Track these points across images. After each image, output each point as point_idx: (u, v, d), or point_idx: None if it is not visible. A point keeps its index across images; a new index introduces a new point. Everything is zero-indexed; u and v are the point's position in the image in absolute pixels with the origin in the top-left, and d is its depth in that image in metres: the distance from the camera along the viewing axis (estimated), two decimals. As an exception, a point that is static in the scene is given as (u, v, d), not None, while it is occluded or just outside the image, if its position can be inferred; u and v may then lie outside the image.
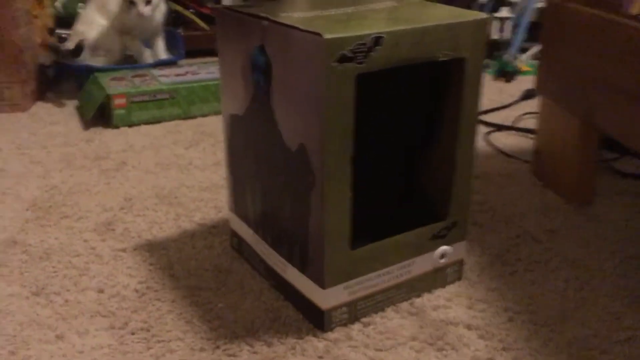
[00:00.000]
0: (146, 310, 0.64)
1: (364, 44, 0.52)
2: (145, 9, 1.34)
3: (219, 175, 0.97)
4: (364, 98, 0.59)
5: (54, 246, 0.77)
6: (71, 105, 1.30)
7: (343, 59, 0.52)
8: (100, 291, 0.68)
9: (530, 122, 1.19)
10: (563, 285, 0.68)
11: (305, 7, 0.64)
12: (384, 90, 0.69)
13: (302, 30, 0.53)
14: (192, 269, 0.72)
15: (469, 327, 0.62)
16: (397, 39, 0.54)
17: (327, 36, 0.51)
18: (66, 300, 0.66)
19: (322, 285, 0.59)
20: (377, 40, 0.53)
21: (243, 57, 0.62)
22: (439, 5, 0.64)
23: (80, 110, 1.25)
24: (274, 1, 0.67)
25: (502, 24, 1.59)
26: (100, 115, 1.18)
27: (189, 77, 1.26)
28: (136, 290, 0.68)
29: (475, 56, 0.60)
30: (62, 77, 1.47)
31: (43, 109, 1.28)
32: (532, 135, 1.11)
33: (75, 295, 0.67)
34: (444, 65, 0.60)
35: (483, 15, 0.59)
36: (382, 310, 0.64)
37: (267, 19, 0.57)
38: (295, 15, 0.58)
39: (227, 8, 0.64)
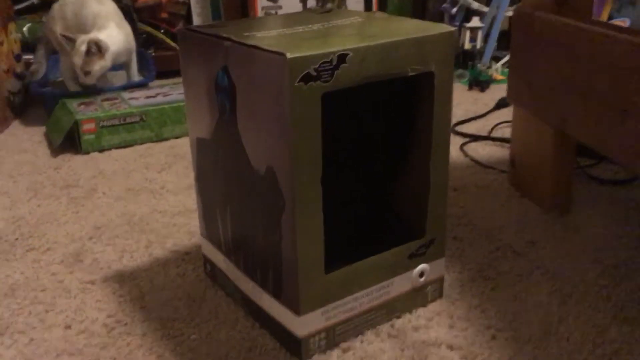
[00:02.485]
0: (115, 346, 0.62)
1: (329, 62, 0.51)
2: (86, 79, 1.27)
3: (192, 199, 0.94)
4: (332, 116, 0.57)
5: (19, 281, 0.73)
6: (40, 132, 1.27)
7: (307, 78, 0.50)
8: (68, 327, 0.65)
9: (506, 131, 1.18)
10: (545, 299, 0.67)
11: (270, 26, 0.62)
12: (352, 107, 0.68)
13: (264, 50, 0.51)
14: (164, 299, 0.69)
15: (451, 347, 0.60)
16: (363, 56, 0.53)
17: (290, 55, 0.49)
18: (31, 339, 0.63)
19: (298, 311, 0.57)
20: (343, 57, 0.51)
21: (207, 79, 0.60)
22: (405, 19, 0.63)
23: (49, 137, 1.22)
24: (238, 22, 0.65)
25: (474, 33, 1.59)
26: (69, 142, 1.15)
27: (159, 99, 1.24)
28: (105, 325, 0.65)
29: (444, 69, 0.58)
30: (30, 103, 1.44)
31: (11, 137, 1.25)
32: (508, 145, 1.11)
33: (41, 333, 0.64)
34: (413, 79, 0.59)
35: (449, 27, 0.58)
36: (362, 333, 0.62)
37: (229, 39, 0.56)
38: (258, 35, 0.57)
39: (190, 29, 0.63)
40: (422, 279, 0.65)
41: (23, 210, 0.92)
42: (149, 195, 0.96)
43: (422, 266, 0.64)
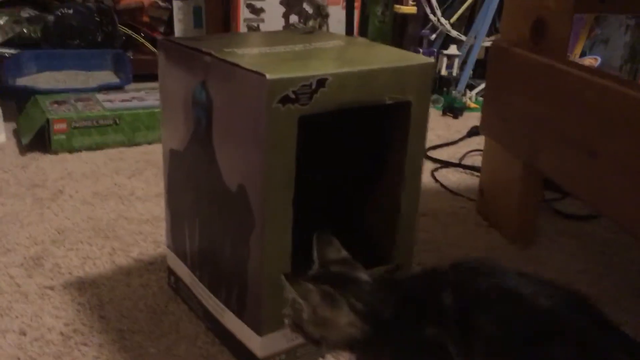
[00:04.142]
0: (71, 356, 0.60)
1: (308, 86, 0.51)
2: None
3: (161, 207, 0.93)
4: (306, 139, 0.57)
5: (-25, 283, 0.72)
6: (9, 128, 1.24)
7: (286, 100, 0.50)
8: (23, 334, 0.63)
9: (477, 159, 1.20)
10: (505, 331, 0.68)
11: (251, 43, 0.62)
12: (327, 131, 0.68)
13: (245, 69, 0.51)
14: (124, 310, 0.68)
15: (410, 375, 0.60)
16: (342, 81, 0.53)
17: (270, 76, 0.49)
18: (-17, 344, 0.61)
19: (260, 332, 0.56)
20: (322, 82, 0.52)
21: (185, 91, 0.60)
22: (385, 47, 0.64)
23: (18, 134, 1.20)
24: (220, 36, 0.65)
25: (450, 61, 1.62)
26: (39, 140, 1.13)
27: (134, 103, 1.22)
28: (62, 333, 0.64)
29: (421, 99, 0.59)
30: (2, 98, 1.41)
31: (-23, 131, 1.22)
32: (478, 173, 1.12)
33: (-6, 339, 0.62)
34: (390, 107, 0.59)
35: (429, 59, 0.59)
36: (323, 357, 0.62)
37: (210, 54, 0.56)
38: (240, 52, 0.57)
39: (171, 40, 0.62)
40: (386, 305, 0.65)
41: (-15, 208, 0.90)
42: (117, 201, 0.95)
43: (386, 292, 0.64)
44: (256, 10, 1.59)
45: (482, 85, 1.61)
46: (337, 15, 1.64)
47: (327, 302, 0.47)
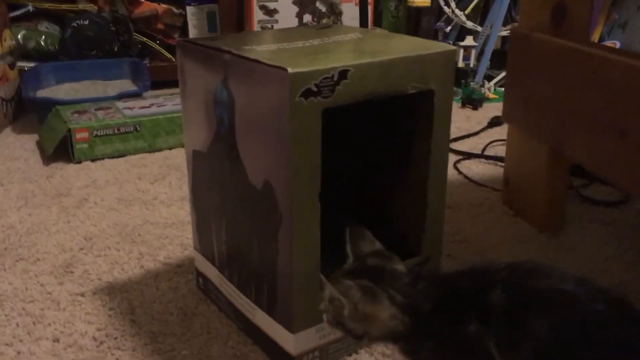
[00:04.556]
0: (105, 360, 0.61)
1: (330, 78, 0.51)
2: None
3: (185, 211, 0.94)
4: (331, 132, 0.57)
5: (7, 292, 0.72)
6: (32, 139, 1.26)
7: (308, 94, 0.50)
8: (56, 340, 0.64)
9: (499, 150, 1.18)
10: (539, 319, 0.67)
11: (270, 40, 0.62)
12: (352, 124, 0.67)
13: (266, 64, 0.51)
14: (155, 313, 0.68)
15: (445, 367, 0.59)
16: (364, 73, 0.53)
17: (292, 70, 0.49)
18: (18, 352, 0.62)
19: (291, 329, 0.56)
20: (344, 73, 0.51)
21: (206, 92, 0.60)
22: (404, 36, 0.63)
23: (41, 145, 1.21)
24: (237, 35, 0.65)
25: (467, 52, 1.60)
26: (62, 150, 1.14)
27: (154, 109, 1.23)
28: (94, 339, 0.64)
29: (444, 87, 0.58)
30: (23, 110, 1.43)
31: (3, 144, 1.24)
32: (501, 164, 1.11)
33: (28, 346, 0.63)
34: (413, 97, 0.59)
35: (450, 46, 0.58)
36: (356, 352, 0.61)
37: (230, 52, 0.55)
38: (259, 49, 0.56)
39: (189, 41, 0.62)
40: (417, 298, 0.64)
41: (13, 218, 0.91)
42: (142, 206, 0.95)
43: (417, 284, 0.64)
44: (269, 12, 1.59)
45: (501, 76, 1.59)
46: (350, 13, 1.64)
47: (368, 297, 0.46)
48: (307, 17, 1.62)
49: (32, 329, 0.65)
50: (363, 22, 1.52)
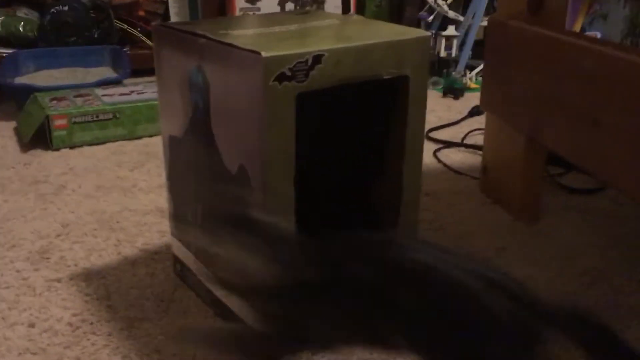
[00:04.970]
0: (80, 345, 0.60)
1: (304, 62, 0.51)
2: None
3: (164, 198, 0.93)
4: (308, 117, 0.57)
5: (-18, 278, 0.72)
6: (10, 126, 1.24)
7: (282, 78, 0.50)
8: (31, 326, 0.63)
9: (479, 139, 1.19)
10: (513, 304, 0.67)
11: (247, 25, 0.62)
12: (329, 109, 0.68)
13: (239, 49, 0.51)
14: (131, 299, 0.68)
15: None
16: (339, 57, 0.53)
17: (265, 54, 0.49)
18: (-8, 337, 0.61)
19: (267, 313, 0.56)
20: (318, 58, 0.51)
21: (181, 76, 0.60)
22: (381, 22, 0.64)
23: (19, 132, 1.20)
24: (214, 20, 0.65)
25: (449, 42, 1.61)
26: (40, 137, 1.13)
27: (133, 97, 1.22)
28: (70, 324, 0.64)
29: (419, 73, 0.59)
30: (1, 97, 1.41)
31: (-22, 131, 1.22)
32: (480, 152, 1.12)
33: (3, 332, 0.62)
34: (389, 82, 0.59)
35: (425, 32, 0.59)
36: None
37: (204, 36, 0.55)
38: (234, 33, 0.56)
39: (165, 25, 0.62)
40: (393, 283, 0.65)
41: (-11, 205, 0.90)
42: (120, 194, 0.95)
43: (392, 270, 0.64)
44: None
45: (482, 66, 1.60)
46: (333, 1, 1.63)
47: (243, 248, 0.44)
48: (289, 6, 1.61)
49: (7, 315, 0.65)
50: (345, 11, 1.52)
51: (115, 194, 0.95)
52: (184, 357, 0.59)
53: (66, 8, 1.52)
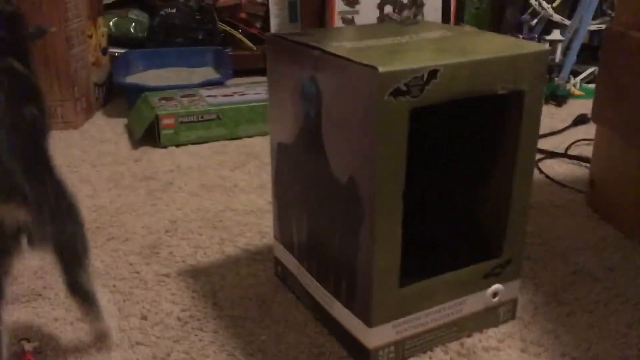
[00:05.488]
0: (188, 340, 0.64)
1: (419, 78, 0.51)
2: None
3: (263, 199, 0.96)
4: (417, 130, 0.57)
5: (99, 269, 0.77)
6: (121, 123, 1.32)
7: (397, 93, 0.50)
8: (144, 318, 0.67)
9: (584, 149, 1.14)
10: (625, 329, 0.64)
11: (356, 36, 0.63)
12: (438, 122, 0.67)
13: (355, 62, 0.51)
14: (235, 298, 0.71)
15: (522, 372, 0.59)
16: (454, 72, 0.52)
17: (382, 69, 0.49)
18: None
19: (369, 323, 0.57)
20: (434, 73, 0.51)
21: (293, 86, 0.61)
22: (494, 34, 0.62)
23: (130, 129, 1.27)
24: (325, 30, 0.66)
25: (553, 46, 1.55)
26: (149, 134, 1.19)
27: (236, 98, 1.26)
28: (179, 319, 0.67)
29: (535, 89, 0.57)
30: (113, 95, 1.50)
31: (94, 127, 1.30)
32: (586, 164, 1.07)
33: (118, 322, 0.67)
34: (502, 97, 0.58)
35: (543, 46, 0.57)
36: (431, 350, 0.62)
37: (318, 48, 0.56)
38: (347, 45, 0.57)
39: (279, 36, 0.64)
40: (496, 299, 0.64)
41: (104, 199, 0.96)
42: (222, 193, 0.99)
43: (496, 286, 0.63)
44: (351, 2, 1.59)
45: (588, 71, 1.53)
46: (433, 4, 1.61)
47: None
48: (388, 9, 1.61)
49: (122, 306, 0.69)
50: (445, 14, 1.49)
51: (218, 192, 0.99)
52: (287, 358, 0.61)
53: (174, 10, 1.60)
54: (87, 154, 1.15)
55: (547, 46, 0.57)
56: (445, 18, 1.49)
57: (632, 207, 0.82)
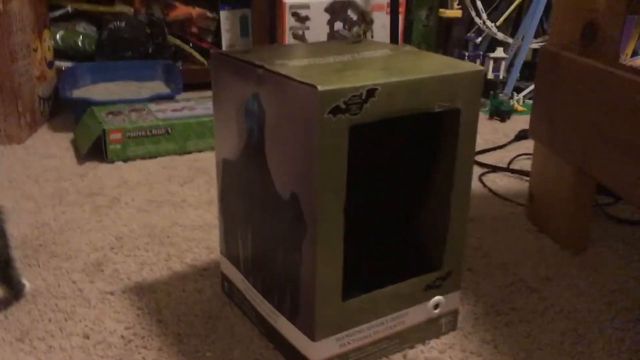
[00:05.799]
0: (132, 359, 0.63)
1: (358, 96, 0.52)
2: None
3: (212, 214, 0.96)
4: (357, 147, 0.58)
5: (40, 287, 0.75)
6: (67, 138, 1.29)
7: (337, 111, 0.52)
8: (86, 337, 0.66)
9: (526, 164, 1.18)
10: (559, 338, 0.67)
11: (301, 54, 0.64)
12: (377, 139, 0.69)
13: (296, 81, 0.53)
14: (181, 314, 0.70)
15: (462, 381, 0.60)
16: (392, 91, 0.54)
17: (321, 88, 0.50)
18: (50, 347, 0.64)
19: (313, 337, 0.58)
20: (372, 92, 0.53)
21: (237, 103, 0.62)
22: (433, 55, 0.65)
23: (76, 144, 1.25)
24: (270, 48, 0.67)
25: (497, 64, 1.60)
26: (95, 150, 1.18)
27: (185, 113, 1.26)
28: (122, 337, 0.66)
29: (471, 107, 0.59)
30: (59, 109, 1.47)
31: (39, 142, 1.28)
32: (527, 178, 1.11)
33: (59, 342, 0.65)
34: (439, 115, 0.60)
35: (478, 66, 0.59)
36: (374, 362, 0.63)
37: (262, 67, 0.57)
38: (290, 64, 0.58)
39: (223, 53, 0.64)
40: (437, 311, 0.65)
41: (48, 216, 0.94)
42: (171, 208, 0.98)
43: (437, 298, 0.65)
44: (301, 19, 1.61)
45: (530, 88, 1.59)
46: (381, 21, 1.65)
47: None
48: (338, 25, 1.63)
49: (64, 325, 0.68)
50: (393, 31, 1.53)
51: (166, 208, 0.98)
52: (231, 375, 0.61)
53: (123, 24, 1.58)
54: (31, 169, 1.13)
55: (481, 67, 0.60)
56: (394, 35, 1.52)
57: (567, 219, 0.86)
